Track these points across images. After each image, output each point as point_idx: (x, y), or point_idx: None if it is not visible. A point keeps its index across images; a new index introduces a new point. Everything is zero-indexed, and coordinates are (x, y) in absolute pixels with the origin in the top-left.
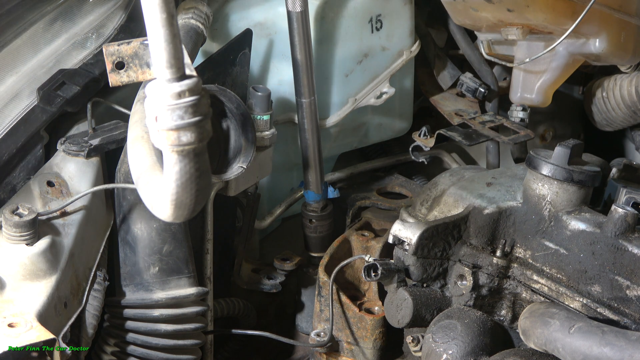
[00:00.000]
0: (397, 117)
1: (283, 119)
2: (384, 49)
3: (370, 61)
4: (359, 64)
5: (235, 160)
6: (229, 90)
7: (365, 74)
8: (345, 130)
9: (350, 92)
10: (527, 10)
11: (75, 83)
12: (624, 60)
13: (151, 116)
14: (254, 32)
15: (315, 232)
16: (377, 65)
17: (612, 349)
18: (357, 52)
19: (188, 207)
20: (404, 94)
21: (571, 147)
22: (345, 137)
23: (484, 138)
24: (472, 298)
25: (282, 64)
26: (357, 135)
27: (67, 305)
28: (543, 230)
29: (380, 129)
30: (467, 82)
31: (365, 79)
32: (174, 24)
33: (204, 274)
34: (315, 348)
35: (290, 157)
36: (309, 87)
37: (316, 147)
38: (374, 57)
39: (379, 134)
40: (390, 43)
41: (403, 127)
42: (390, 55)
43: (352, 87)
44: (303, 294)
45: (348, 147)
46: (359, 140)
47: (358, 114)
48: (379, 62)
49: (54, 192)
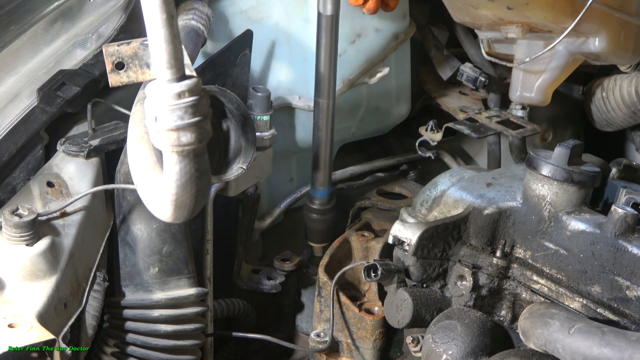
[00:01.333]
0: (395, 101)
1: (279, 103)
2: (377, 30)
3: (364, 42)
4: (352, 44)
5: (235, 160)
6: (229, 91)
7: (359, 54)
8: (341, 113)
9: (344, 73)
10: (527, 8)
11: (75, 84)
12: (623, 59)
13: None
14: (247, 16)
15: (319, 225)
16: (371, 47)
17: (612, 350)
18: (349, 32)
19: (188, 208)
20: (400, 77)
21: (571, 147)
22: (342, 121)
23: (491, 131)
24: (472, 298)
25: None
26: (354, 120)
27: (67, 306)
28: (543, 230)
29: (378, 114)
30: (467, 71)
31: (359, 60)
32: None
33: (204, 275)
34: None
35: (288, 145)
36: (329, 89)
37: (329, 147)
38: (367, 38)
39: (377, 120)
40: (384, 24)
41: (401, 112)
42: (384, 37)
43: (345, 67)
44: (303, 294)
45: (345, 134)
46: (357, 126)
47: (353, 95)
48: (372, 43)
49: (53, 193)
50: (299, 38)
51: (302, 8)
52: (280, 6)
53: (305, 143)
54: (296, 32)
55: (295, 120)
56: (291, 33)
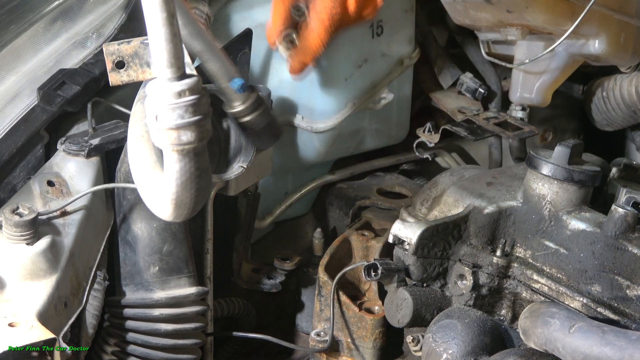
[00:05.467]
0: (394, 125)
1: (282, 121)
2: (383, 55)
3: (370, 66)
4: (359, 69)
5: (236, 159)
6: None
7: (365, 79)
8: (342, 135)
9: (348, 96)
10: (527, 11)
11: (75, 83)
12: (623, 60)
13: (151, 115)
14: (256, 32)
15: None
16: (377, 71)
17: (612, 349)
18: (357, 57)
19: (188, 207)
20: (401, 101)
21: (571, 146)
22: (343, 142)
23: (489, 133)
24: (472, 298)
25: (282, 64)
26: (354, 141)
27: (67, 305)
28: (543, 229)
29: (377, 136)
30: (467, 82)
31: (364, 84)
32: (174, 24)
33: (204, 274)
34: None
35: (286, 161)
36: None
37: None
38: (374, 63)
39: (375, 141)
40: (390, 49)
41: (399, 135)
42: (390, 62)
43: (350, 91)
44: (303, 294)
45: (344, 153)
46: (355, 147)
47: (355, 119)
48: (378, 68)
49: (54, 192)
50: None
51: None
52: None
53: (303, 161)
54: None
55: (296, 139)
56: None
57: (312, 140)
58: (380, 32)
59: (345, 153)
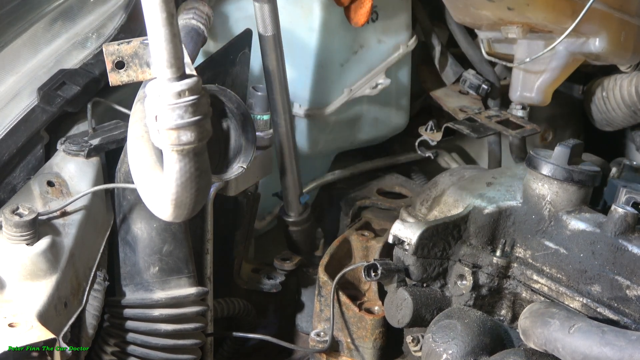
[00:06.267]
0: (394, 112)
1: None
2: (379, 41)
3: (366, 52)
4: (355, 54)
5: (236, 160)
6: (229, 90)
7: (361, 65)
8: (340, 122)
9: (345, 82)
10: (527, 9)
11: (75, 83)
12: (624, 59)
13: (151, 115)
14: (251, 22)
15: (298, 236)
16: (373, 57)
17: (612, 349)
18: (352, 42)
19: (188, 207)
20: (400, 88)
21: (571, 146)
22: (341, 130)
23: (491, 131)
24: (472, 298)
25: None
26: (353, 129)
27: (67, 305)
28: (543, 230)
29: (376, 124)
30: (470, 78)
31: (360, 70)
32: (174, 24)
33: (204, 274)
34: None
35: None
36: (284, 110)
37: (295, 166)
38: (370, 49)
39: (375, 130)
40: (386, 36)
41: (400, 123)
42: (386, 48)
43: (347, 77)
44: (303, 294)
45: (344, 143)
46: (355, 136)
47: (353, 106)
48: (374, 54)
49: (54, 192)
50: (303, 45)
51: (307, 17)
52: (285, 13)
53: (304, 149)
54: (300, 40)
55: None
56: (295, 40)
57: (310, 128)
58: (375, 17)
59: (345, 144)
